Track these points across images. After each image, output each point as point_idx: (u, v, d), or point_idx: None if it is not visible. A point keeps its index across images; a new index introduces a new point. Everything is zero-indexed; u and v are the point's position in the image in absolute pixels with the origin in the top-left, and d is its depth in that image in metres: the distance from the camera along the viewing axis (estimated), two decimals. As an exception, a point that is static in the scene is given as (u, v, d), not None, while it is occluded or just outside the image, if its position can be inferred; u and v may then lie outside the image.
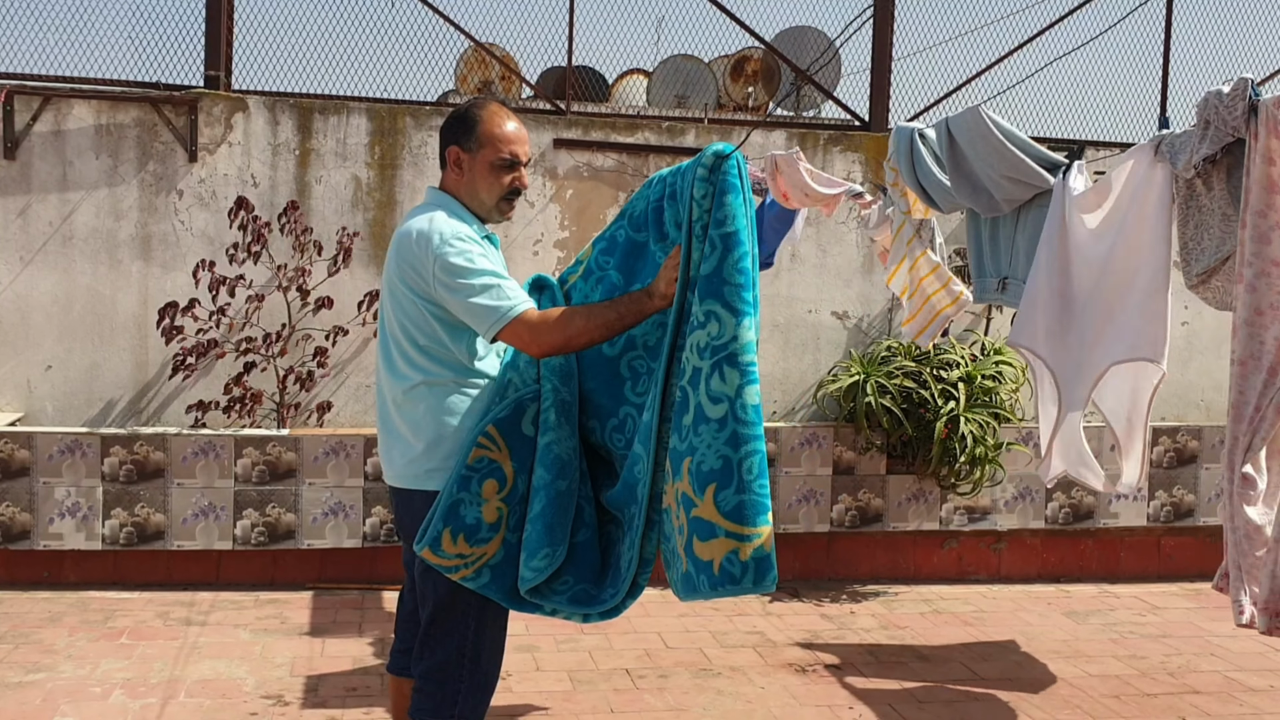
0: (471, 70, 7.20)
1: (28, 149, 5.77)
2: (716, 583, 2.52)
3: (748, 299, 2.58)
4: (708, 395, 2.56)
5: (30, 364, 5.82)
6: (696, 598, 2.60)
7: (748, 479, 2.50)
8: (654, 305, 2.75)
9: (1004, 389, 6.00)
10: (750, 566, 2.50)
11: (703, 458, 2.54)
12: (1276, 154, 2.89)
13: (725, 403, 2.54)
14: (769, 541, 2.52)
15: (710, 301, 2.58)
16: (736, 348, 2.55)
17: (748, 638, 5.02)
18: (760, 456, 2.52)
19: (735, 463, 2.51)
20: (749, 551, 2.49)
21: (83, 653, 4.51)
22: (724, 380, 2.54)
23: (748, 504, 2.50)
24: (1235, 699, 4.44)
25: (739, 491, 2.50)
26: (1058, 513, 6.18)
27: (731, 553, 2.50)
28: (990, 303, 4.33)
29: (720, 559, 2.51)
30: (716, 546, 2.51)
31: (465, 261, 2.70)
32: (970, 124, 3.89)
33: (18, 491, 5.24)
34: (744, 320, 2.56)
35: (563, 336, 2.71)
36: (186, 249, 5.89)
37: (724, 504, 2.50)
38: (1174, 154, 3.27)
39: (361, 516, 5.48)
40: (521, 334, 2.70)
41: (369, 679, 4.35)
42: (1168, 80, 6.98)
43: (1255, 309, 2.99)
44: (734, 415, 2.53)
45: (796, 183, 5.04)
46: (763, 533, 2.51)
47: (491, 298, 2.69)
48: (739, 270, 2.58)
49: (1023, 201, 3.94)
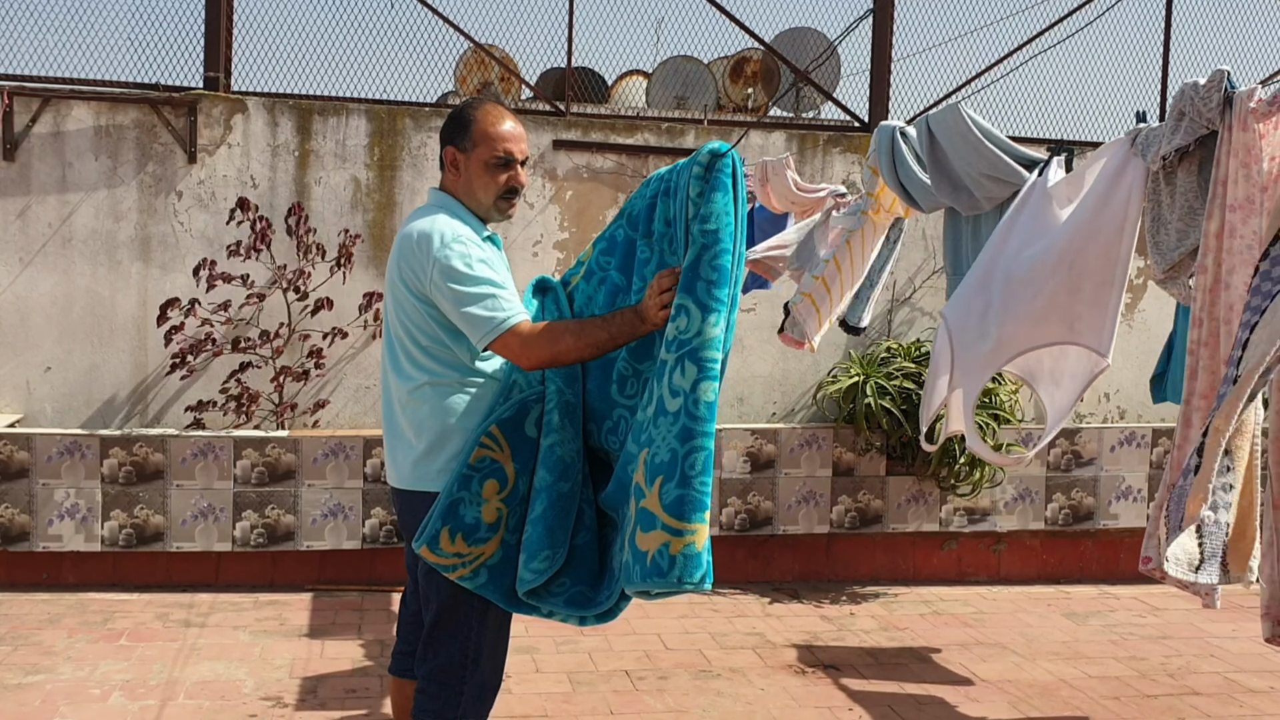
0: (471, 71, 7.20)
1: (27, 150, 5.77)
2: (646, 574, 2.51)
3: (720, 296, 2.56)
4: (669, 389, 2.56)
5: (29, 365, 5.82)
6: (631, 588, 2.59)
7: (690, 474, 2.49)
8: (645, 329, 2.73)
9: (1003, 390, 6.01)
10: (679, 562, 2.47)
11: (656, 450, 2.54)
12: (1244, 147, 2.89)
13: (681, 397, 2.53)
14: (702, 540, 2.49)
15: (683, 296, 2.58)
16: (699, 343, 2.53)
17: (747, 639, 5.02)
18: (706, 454, 2.50)
19: (680, 456, 2.50)
20: (679, 546, 2.47)
21: (82, 654, 4.50)
22: (684, 375, 2.53)
23: (686, 499, 2.48)
24: (1235, 700, 4.44)
25: (680, 486, 2.49)
26: (1057, 514, 6.17)
27: (663, 545, 2.49)
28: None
29: (653, 551, 2.51)
30: (653, 539, 2.51)
31: (464, 267, 2.69)
32: (950, 122, 3.91)
33: (17, 493, 5.24)
34: (710, 317, 2.55)
35: (551, 352, 2.70)
36: (186, 250, 5.88)
37: (665, 497, 2.50)
38: (1146, 147, 3.27)
39: (361, 518, 5.48)
40: (512, 346, 2.69)
41: (368, 680, 4.35)
42: (1167, 81, 6.98)
43: (1228, 304, 2.99)
44: (687, 410, 2.52)
45: (781, 190, 5.05)
46: (696, 530, 2.48)
47: (486, 307, 2.68)
48: (715, 267, 2.57)
49: (1002, 199, 3.95)
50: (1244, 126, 2.87)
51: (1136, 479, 6.21)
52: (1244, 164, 2.89)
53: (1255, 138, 2.87)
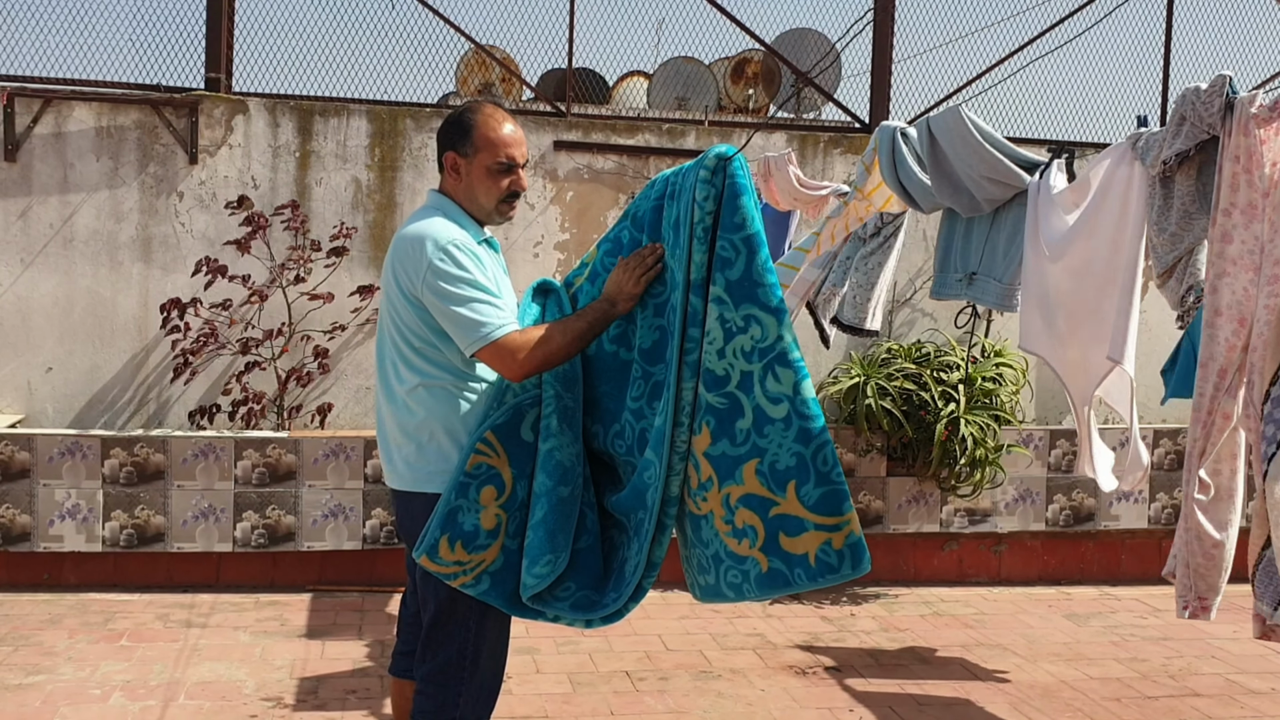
0: (472, 72, 7.20)
1: (28, 151, 5.77)
2: (815, 574, 2.59)
3: (781, 296, 2.63)
4: (766, 397, 2.61)
5: (30, 365, 5.82)
6: (780, 593, 2.68)
7: (824, 470, 2.58)
8: (618, 310, 2.80)
9: (1004, 391, 6.00)
10: (846, 554, 2.58)
11: (775, 457, 2.60)
12: (1245, 152, 2.89)
13: (786, 402, 2.59)
14: (857, 526, 2.60)
15: (747, 305, 2.62)
16: (784, 347, 2.60)
17: (748, 639, 5.02)
18: (830, 447, 2.59)
19: (809, 458, 2.58)
20: (841, 540, 2.58)
21: (82, 655, 4.51)
22: (779, 380, 2.60)
23: (831, 494, 2.57)
24: (1236, 701, 4.44)
25: (819, 484, 2.57)
26: (1058, 515, 6.17)
27: (825, 544, 2.58)
28: (949, 298, 4.34)
29: (815, 551, 2.58)
30: (809, 540, 2.59)
31: (458, 271, 2.69)
32: (951, 124, 3.91)
33: (18, 493, 5.24)
34: (785, 319, 2.62)
35: (543, 354, 2.71)
36: (187, 251, 5.89)
37: (807, 499, 2.58)
38: (1145, 152, 3.27)
39: (361, 518, 5.48)
40: (502, 356, 2.68)
41: (369, 681, 4.35)
42: (1168, 84, 6.98)
43: (1214, 309, 3.00)
44: (797, 412, 2.59)
45: (785, 186, 5.05)
46: (849, 518, 2.58)
47: (476, 315, 2.67)
48: (767, 270, 2.63)
49: (1003, 202, 3.97)
50: (1245, 132, 2.87)
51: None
52: (1245, 169, 2.89)
53: (1256, 143, 2.87)
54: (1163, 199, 3.23)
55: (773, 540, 2.63)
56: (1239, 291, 2.91)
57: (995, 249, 4.03)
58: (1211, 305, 2.99)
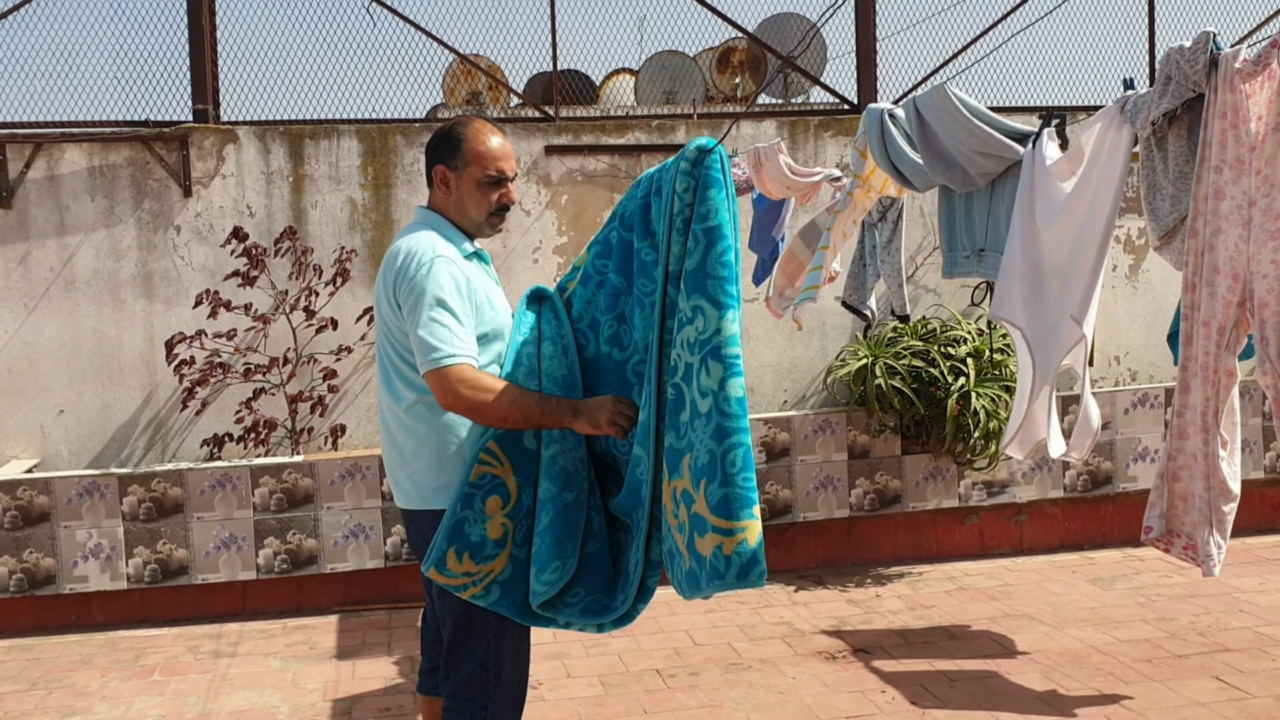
0: (458, 83, 7.20)
1: (23, 196, 5.80)
2: (709, 578, 2.52)
3: (731, 292, 2.58)
4: (698, 390, 2.56)
5: (42, 410, 5.85)
6: (699, 594, 2.59)
7: (731, 472, 2.49)
8: (576, 425, 2.73)
9: (1013, 361, 5.99)
10: (734, 561, 2.47)
11: (697, 453, 2.55)
12: (1231, 108, 2.88)
13: (711, 397, 2.53)
14: (754, 536, 2.48)
15: (696, 296, 2.59)
16: (720, 341, 2.54)
17: (775, 629, 5.02)
18: (744, 450, 2.49)
19: (719, 456, 2.50)
20: (732, 546, 2.47)
21: (116, 693, 4.53)
22: (709, 374, 2.54)
23: (731, 498, 2.48)
24: (1267, 654, 4.43)
25: (722, 485, 2.49)
26: (1076, 480, 6.16)
27: (718, 548, 2.49)
28: (960, 276, 4.34)
29: (710, 554, 2.51)
30: (708, 542, 2.51)
31: (432, 289, 2.67)
32: (937, 103, 3.91)
33: (40, 537, 5.27)
34: (727, 313, 2.56)
35: (479, 405, 2.63)
36: (188, 283, 5.91)
37: (711, 498, 2.50)
38: (1135, 113, 3.26)
39: (382, 536, 5.50)
40: (441, 385, 2.64)
41: (402, 698, 4.36)
42: (1154, 45, 6.95)
43: (1213, 267, 2.99)
44: (718, 409, 2.52)
45: (776, 175, 5.06)
46: (746, 526, 2.47)
47: (435, 337, 2.64)
48: (722, 264, 2.59)
49: (997, 174, 3.96)
50: (1230, 88, 2.87)
51: (1153, 440, 6.20)
52: (1232, 125, 2.89)
53: (1242, 98, 2.86)
54: (1160, 160, 3.22)
55: (690, 538, 2.57)
56: (1231, 248, 2.91)
57: (998, 223, 4.02)
58: (1210, 263, 2.98)
